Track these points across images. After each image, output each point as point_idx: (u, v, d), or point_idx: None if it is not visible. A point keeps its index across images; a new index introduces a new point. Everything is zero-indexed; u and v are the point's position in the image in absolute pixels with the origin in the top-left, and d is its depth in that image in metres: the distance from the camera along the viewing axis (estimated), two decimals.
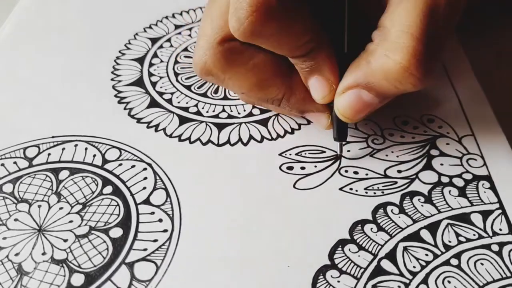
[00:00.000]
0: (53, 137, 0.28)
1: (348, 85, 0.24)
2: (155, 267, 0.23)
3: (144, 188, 0.26)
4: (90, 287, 0.22)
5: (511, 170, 0.26)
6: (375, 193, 0.25)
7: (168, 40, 0.35)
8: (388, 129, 0.28)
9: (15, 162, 0.27)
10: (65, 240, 0.24)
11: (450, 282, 0.22)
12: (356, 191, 0.25)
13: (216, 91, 0.31)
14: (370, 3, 0.25)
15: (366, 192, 0.25)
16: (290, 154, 0.27)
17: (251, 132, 0.28)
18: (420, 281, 0.22)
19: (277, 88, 0.26)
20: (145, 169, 0.27)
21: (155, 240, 0.24)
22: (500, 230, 0.24)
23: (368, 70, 0.23)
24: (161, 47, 0.35)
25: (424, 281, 0.22)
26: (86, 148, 0.28)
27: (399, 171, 0.26)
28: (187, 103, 0.30)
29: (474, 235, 0.23)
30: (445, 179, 0.26)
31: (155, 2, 0.38)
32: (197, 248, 0.23)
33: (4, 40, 0.35)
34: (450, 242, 0.23)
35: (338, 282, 0.22)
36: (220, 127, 0.29)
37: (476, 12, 0.37)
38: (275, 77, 0.26)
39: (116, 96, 0.31)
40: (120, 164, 0.27)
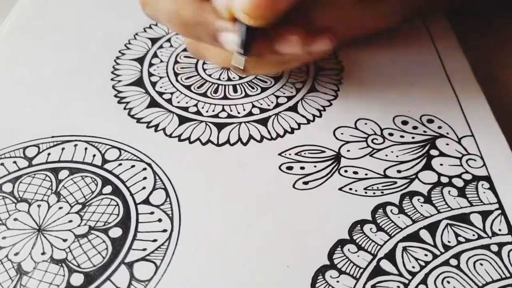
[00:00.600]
0: (52, 136, 0.28)
1: None
2: (155, 267, 0.23)
3: (144, 188, 0.26)
4: (89, 287, 0.22)
5: (511, 171, 0.26)
6: (374, 193, 0.25)
7: (168, 40, 0.35)
8: (388, 129, 0.28)
9: (14, 162, 0.27)
10: (64, 240, 0.24)
11: (449, 282, 0.22)
12: (356, 191, 0.25)
13: (216, 91, 0.31)
14: None
15: (366, 192, 0.25)
16: (290, 154, 0.27)
17: (250, 132, 0.28)
18: (420, 281, 0.22)
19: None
20: (144, 169, 0.27)
21: (155, 240, 0.24)
22: (500, 230, 0.24)
23: None
24: (161, 47, 0.35)
25: (424, 281, 0.22)
26: (86, 148, 0.28)
27: (399, 171, 0.26)
28: (186, 103, 0.30)
29: (474, 235, 0.23)
30: (444, 179, 0.26)
31: None
32: (196, 248, 0.23)
33: (4, 39, 0.35)
34: (449, 242, 0.23)
35: (338, 282, 0.22)
36: (220, 126, 0.29)
37: (476, 12, 0.37)
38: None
39: (116, 96, 0.31)
40: (120, 164, 0.27)
